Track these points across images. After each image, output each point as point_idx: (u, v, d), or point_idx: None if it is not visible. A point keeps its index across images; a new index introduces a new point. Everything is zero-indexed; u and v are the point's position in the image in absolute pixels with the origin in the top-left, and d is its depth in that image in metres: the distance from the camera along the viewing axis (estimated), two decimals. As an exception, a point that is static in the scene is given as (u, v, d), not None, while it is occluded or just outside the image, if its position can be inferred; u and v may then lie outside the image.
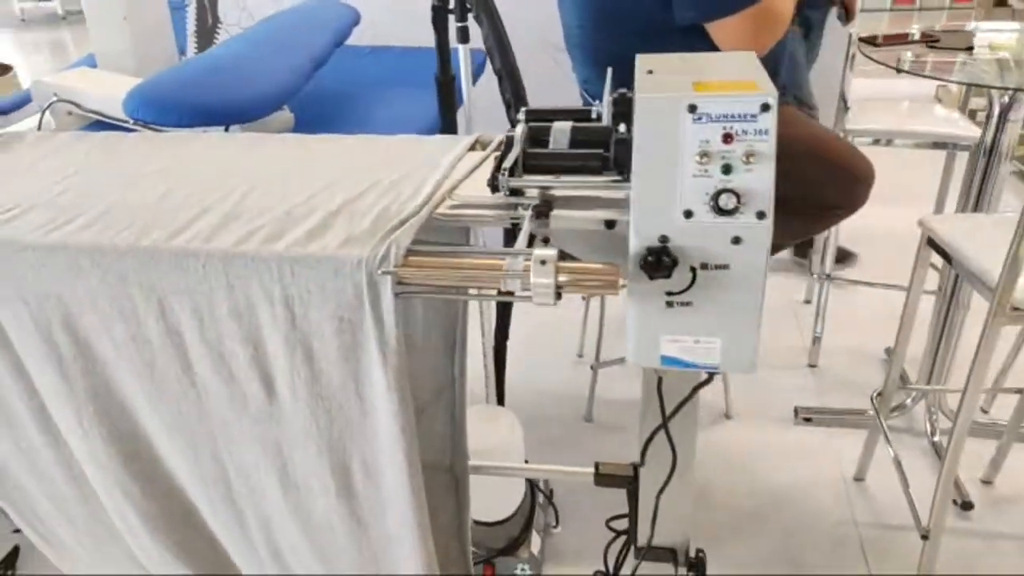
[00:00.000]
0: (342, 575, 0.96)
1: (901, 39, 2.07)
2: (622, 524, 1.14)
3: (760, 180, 0.70)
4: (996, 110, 1.67)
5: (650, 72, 0.78)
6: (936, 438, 1.98)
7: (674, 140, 0.71)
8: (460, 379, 1.08)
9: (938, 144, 2.16)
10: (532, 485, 1.59)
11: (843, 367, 2.32)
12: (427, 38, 1.79)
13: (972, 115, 2.65)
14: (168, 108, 1.22)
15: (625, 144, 0.75)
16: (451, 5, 1.27)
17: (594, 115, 0.92)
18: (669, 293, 0.75)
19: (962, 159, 2.05)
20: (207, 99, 1.23)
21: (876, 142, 2.21)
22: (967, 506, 1.77)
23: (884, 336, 2.36)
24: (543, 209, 0.80)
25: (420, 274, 0.75)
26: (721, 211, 0.71)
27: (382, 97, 1.59)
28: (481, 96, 1.54)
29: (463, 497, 1.14)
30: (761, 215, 0.71)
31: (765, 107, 0.70)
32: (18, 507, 1.11)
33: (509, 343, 1.76)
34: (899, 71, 1.72)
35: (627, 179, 0.80)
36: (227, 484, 0.93)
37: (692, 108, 0.71)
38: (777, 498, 1.86)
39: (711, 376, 0.85)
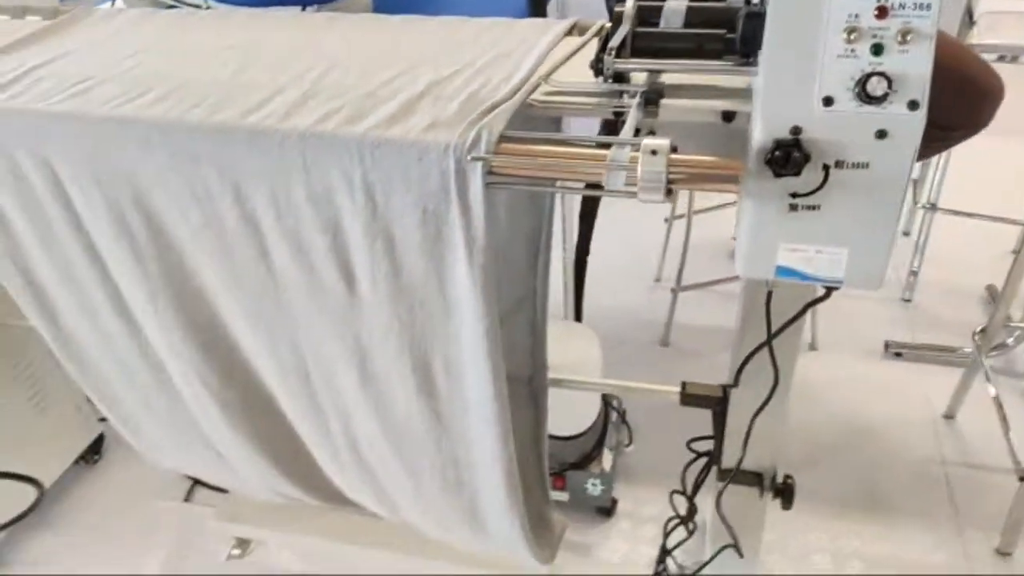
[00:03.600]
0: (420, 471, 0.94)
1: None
2: (697, 446, 1.08)
3: (917, 64, 0.60)
4: None
5: (788, -63, 0.67)
6: (1039, 380, 1.85)
7: (817, 13, 0.61)
8: (542, 290, 1.02)
9: (1073, 60, 1.94)
10: (606, 403, 1.54)
11: (939, 303, 2.17)
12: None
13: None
14: (244, -14, 1.15)
15: (757, 19, 0.65)
16: None
17: (712, -6, 0.81)
18: (794, 195, 0.66)
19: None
20: (285, -23, 1.14)
21: (1002, 59, 1.99)
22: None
23: (984, 273, 2.20)
24: (652, 97, 0.71)
25: (513, 163, 0.67)
26: (868, 98, 0.61)
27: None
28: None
29: (541, 409, 1.10)
30: (914, 105, 0.61)
31: (930, -25, 0.59)
32: (101, 394, 1.11)
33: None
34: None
35: (753, 63, 0.70)
36: (306, 374, 0.90)
37: (841, -25, 0.60)
38: (860, 432, 1.77)
39: (829, 292, 0.76)
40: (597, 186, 0.66)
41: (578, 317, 1.70)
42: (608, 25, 0.91)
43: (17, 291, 0.99)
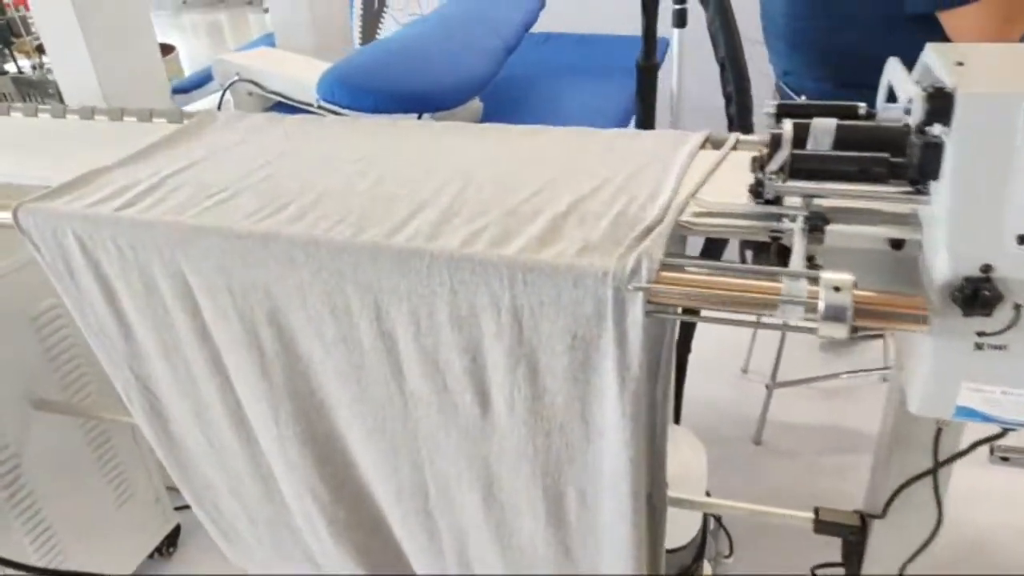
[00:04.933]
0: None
1: None
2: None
3: (1125, 201, 0.56)
4: None
5: (960, 64, 0.65)
6: None
7: (1008, 146, 0.58)
8: (663, 403, 0.97)
9: None
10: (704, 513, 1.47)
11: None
12: (601, 25, 1.68)
13: None
14: (364, 93, 1.17)
15: (935, 149, 0.62)
16: (668, -13, 1.16)
17: (861, 111, 0.79)
18: (981, 333, 0.62)
19: None
20: (404, 85, 1.17)
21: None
22: None
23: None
24: (817, 223, 0.68)
25: (676, 292, 0.65)
26: (1070, 238, 0.57)
27: (568, 86, 1.49)
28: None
29: (660, 528, 1.04)
30: (1121, 245, 0.57)
31: None
32: (201, 500, 1.09)
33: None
34: None
35: (921, 191, 0.67)
36: (424, 495, 0.87)
37: (1037, 108, 0.57)
38: (972, 544, 1.65)
39: (1005, 431, 0.71)
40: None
41: (676, 418, 1.64)
42: (739, 138, 0.89)
43: (131, 397, 0.99)
